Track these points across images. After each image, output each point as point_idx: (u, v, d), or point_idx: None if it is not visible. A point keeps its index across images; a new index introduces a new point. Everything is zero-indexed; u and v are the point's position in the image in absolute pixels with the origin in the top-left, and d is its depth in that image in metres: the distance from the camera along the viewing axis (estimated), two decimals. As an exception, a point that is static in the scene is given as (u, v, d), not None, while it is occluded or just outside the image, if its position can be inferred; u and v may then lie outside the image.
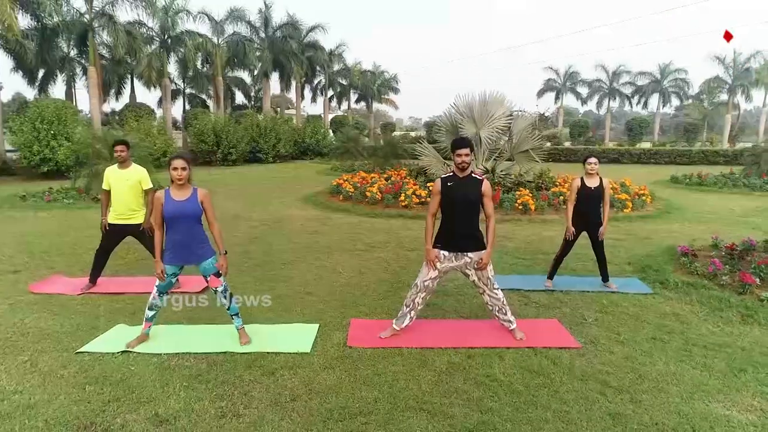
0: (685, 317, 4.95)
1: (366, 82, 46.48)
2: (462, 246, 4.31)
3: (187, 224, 4.08)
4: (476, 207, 4.27)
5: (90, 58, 24.25)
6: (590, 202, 5.77)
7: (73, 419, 3.17)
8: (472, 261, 4.32)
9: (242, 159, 27.77)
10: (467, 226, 4.28)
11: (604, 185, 5.74)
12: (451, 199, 4.29)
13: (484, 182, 4.25)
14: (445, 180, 4.36)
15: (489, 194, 4.26)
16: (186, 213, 4.04)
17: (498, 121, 13.25)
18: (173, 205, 4.04)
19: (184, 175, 4.03)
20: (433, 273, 4.40)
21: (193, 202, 4.07)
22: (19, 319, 4.89)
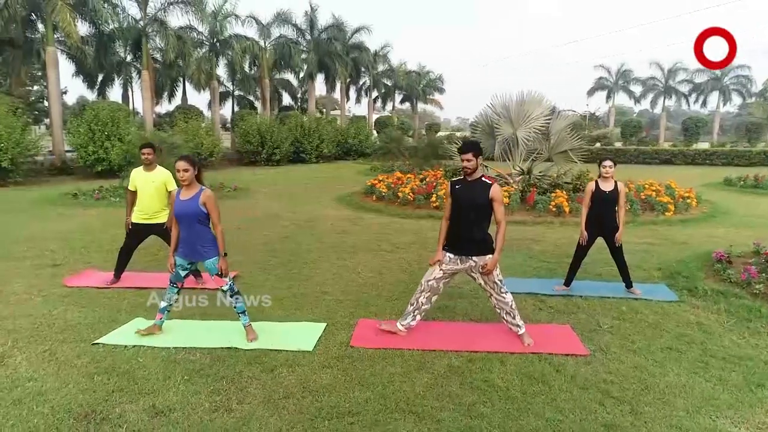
0: (708, 327, 4.71)
1: (411, 83, 46.47)
2: (467, 249, 4.27)
3: (189, 223, 4.25)
4: (483, 211, 4.21)
5: (143, 63, 25.34)
6: (604, 206, 5.60)
7: (77, 407, 3.34)
8: (477, 265, 4.26)
9: (286, 159, 28.28)
10: (472, 230, 4.24)
11: (619, 189, 5.54)
12: (458, 203, 4.27)
13: (492, 187, 4.17)
14: (454, 183, 4.35)
15: (498, 199, 4.18)
16: (188, 212, 4.21)
17: (535, 121, 12.98)
18: (179, 205, 4.25)
19: (186, 176, 4.18)
20: (437, 273, 4.38)
21: (195, 203, 4.22)
22: (48, 310, 5.17)
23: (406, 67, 45.97)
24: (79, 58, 27.38)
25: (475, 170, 4.22)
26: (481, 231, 4.25)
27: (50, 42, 21.55)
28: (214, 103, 30.65)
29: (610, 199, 5.56)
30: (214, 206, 4.29)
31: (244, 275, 6.48)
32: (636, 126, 46.26)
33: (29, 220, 10.40)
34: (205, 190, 4.30)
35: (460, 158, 4.22)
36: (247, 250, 7.87)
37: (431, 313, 5.06)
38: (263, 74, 32.63)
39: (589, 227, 5.69)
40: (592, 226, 5.68)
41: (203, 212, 4.25)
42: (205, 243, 4.33)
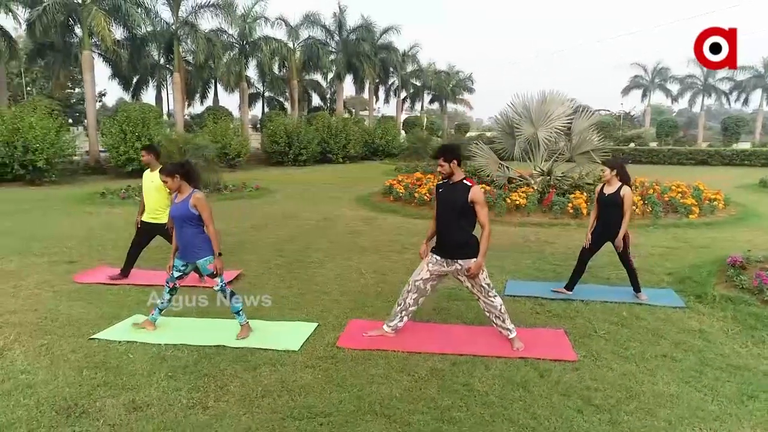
0: (711, 334, 4.53)
1: (440, 83, 46.25)
2: (450, 252, 4.25)
3: (181, 224, 4.38)
4: (463, 214, 4.16)
5: (175, 65, 25.97)
6: (606, 210, 5.51)
7: (61, 400, 3.44)
8: (463, 268, 4.21)
9: (313, 159, 28.52)
10: (453, 233, 4.22)
11: (621, 193, 5.39)
12: (439, 204, 4.28)
13: (472, 189, 4.12)
14: (439, 185, 4.34)
15: (479, 201, 4.12)
16: (179, 214, 4.34)
17: (557, 120, 12.74)
18: (173, 207, 4.43)
19: (169, 187, 4.39)
20: (424, 274, 4.36)
21: (185, 205, 4.33)
22: (54, 305, 5.35)
23: (435, 66, 45.81)
24: (115, 61, 28.24)
25: (451, 174, 4.19)
26: (464, 234, 4.21)
27: (86, 46, 22.32)
28: (243, 104, 31.17)
29: (611, 202, 5.43)
30: (204, 208, 4.37)
31: (249, 274, 6.57)
32: (672, 126, 44.86)
33: (56, 218, 10.79)
34: (195, 193, 4.39)
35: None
36: (257, 249, 7.97)
37: (424, 314, 5.05)
38: (292, 75, 33.02)
39: (595, 231, 5.59)
40: (598, 229, 5.56)
41: (194, 214, 4.34)
42: (197, 244, 4.42)
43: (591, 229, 5.64)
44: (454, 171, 4.20)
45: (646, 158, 29.65)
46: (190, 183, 4.44)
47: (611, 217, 5.45)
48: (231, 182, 16.11)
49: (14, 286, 6.06)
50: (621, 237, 5.41)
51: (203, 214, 4.37)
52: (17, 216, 11.13)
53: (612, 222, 5.44)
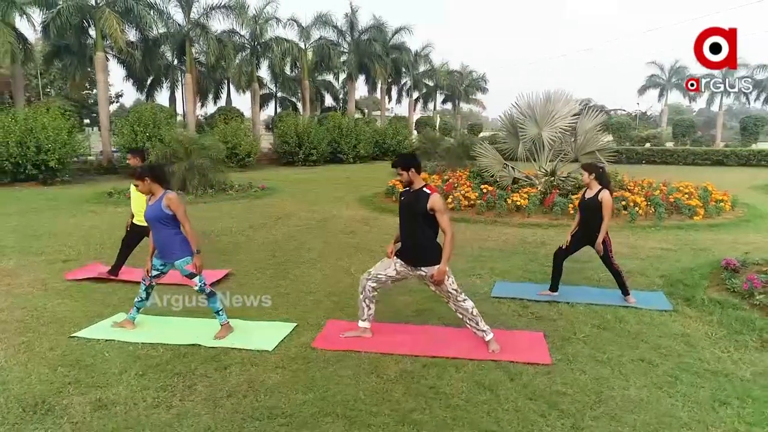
0: (693, 339, 4.44)
1: (453, 83, 46.05)
2: (413, 260, 4.26)
3: (156, 226, 4.44)
4: (424, 221, 4.15)
5: (187, 66, 26.24)
6: (585, 213, 5.50)
7: (30, 397, 3.48)
8: (427, 275, 4.21)
9: (323, 159, 28.60)
10: (415, 240, 4.23)
11: (599, 197, 5.32)
12: (401, 212, 4.32)
13: (431, 197, 4.10)
14: (401, 193, 4.36)
15: (439, 209, 4.10)
16: (153, 216, 4.41)
17: (561, 120, 12.61)
18: (147, 209, 4.49)
19: (140, 190, 4.50)
20: (391, 272, 4.37)
21: (158, 206, 4.38)
22: (42, 303, 5.43)
23: (449, 66, 45.59)
24: (128, 62, 28.66)
25: (411, 182, 4.20)
26: (425, 240, 4.20)
27: (99, 48, 22.64)
28: (254, 104, 31.36)
29: (590, 206, 5.40)
30: (177, 207, 4.40)
31: (238, 274, 6.60)
32: (689, 125, 44.11)
33: (60, 217, 10.96)
34: (167, 194, 4.43)
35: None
36: (251, 248, 8.01)
37: (404, 315, 5.03)
38: (303, 76, 33.14)
39: (576, 234, 5.54)
40: (579, 233, 5.52)
41: (167, 214, 4.37)
42: (173, 244, 4.45)
43: (572, 231, 5.62)
44: (413, 179, 4.20)
45: (660, 158, 29.18)
46: (161, 185, 4.47)
47: (591, 221, 5.40)
48: (238, 182, 16.22)
49: (8, 284, 6.16)
50: (600, 241, 5.32)
51: (177, 213, 4.39)
52: (26, 215, 11.34)
53: (592, 226, 5.38)
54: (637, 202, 10.44)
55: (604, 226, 5.30)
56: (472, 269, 6.80)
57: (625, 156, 30.00)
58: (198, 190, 14.30)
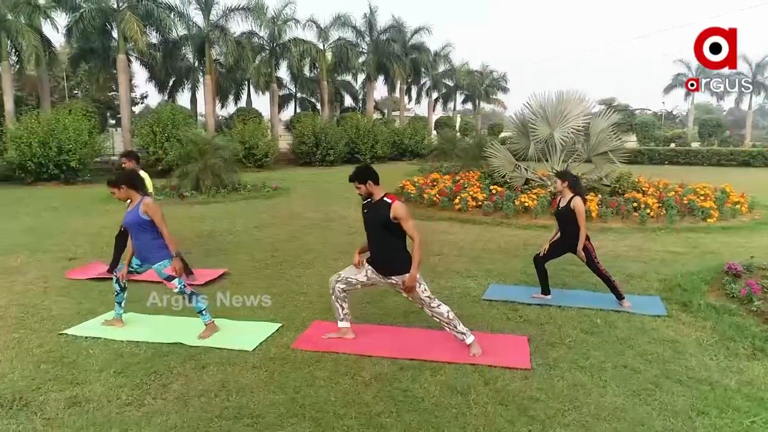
0: (683, 345, 4.31)
1: (473, 83, 45.74)
2: (382, 269, 4.26)
3: (135, 231, 4.55)
4: (388, 230, 4.13)
5: (206, 68, 26.61)
6: (560, 222, 5.47)
7: (9, 393, 3.56)
8: (397, 284, 4.21)
9: (340, 160, 28.72)
10: (381, 250, 4.24)
11: (571, 205, 5.28)
12: (365, 224, 4.29)
13: (393, 206, 4.07)
14: (363, 206, 4.33)
15: (402, 216, 4.07)
16: (131, 221, 4.51)
17: (574, 120, 12.41)
18: (125, 216, 4.61)
19: (117, 197, 4.61)
20: (362, 277, 4.36)
21: (136, 212, 4.47)
22: (40, 300, 5.56)
23: (469, 66, 45.29)
24: (151, 64, 29.24)
25: (371, 194, 4.20)
26: (392, 250, 4.18)
27: (121, 50, 23.14)
28: (273, 105, 31.64)
29: (564, 214, 5.36)
30: (154, 212, 4.48)
31: (235, 273, 6.66)
32: (716, 125, 42.99)
33: (74, 216, 11.23)
34: (144, 199, 4.52)
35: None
36: (252, 248, 8.08)
37: (392, 317, 5.01)
38: (322, 76, 33.31)
39: (556, 241, 5.54)
40: (559, 240, 5.52)
41: (145, 220, 4.45)
42: (151, 249, 4.54)
43: (552, 239, 5.56)
44: (372, 191, 4.19)
45: (683, 159, 28.54)
46: (137, 191, 4.55)
47: (567, 229, 5.35)
48: (252, 182, 16.39)
49: (12, 281, 6.33)
50: (580, 248, 5.22)
51: (155, 218, 4.46)
52: (43, 213, 11.66)
53: (569, 234, 5.31)
54: (648, 204, 10.21)
55: (582, 234, 5.21)
56: (469, 271, 6.73)
57: (648, 156, 29.46)
58: (211, 190, 14.49)
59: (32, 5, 19.85)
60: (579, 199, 5.28)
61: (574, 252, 5.29)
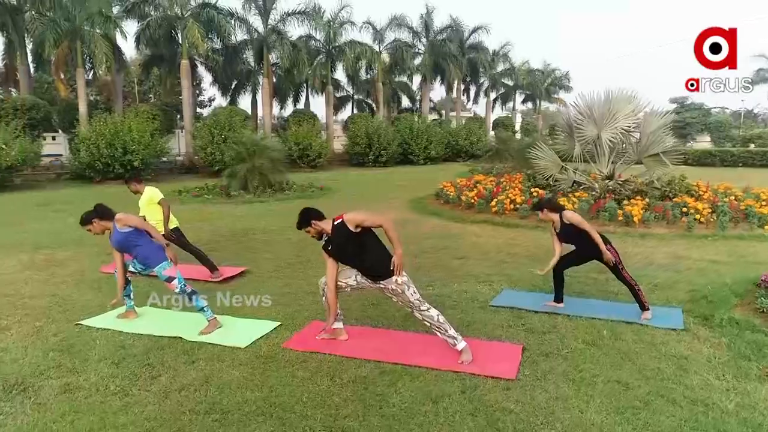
0: (691, 362, 4.02)
1: (534, 82, 44.59)
2: (370, 276, 4.28)
3: (129, 250, 4.84)
4: (360, 243, 4.13)
5: (264, 71, 27.47)
6: (572, 242, 5.33)
7: (13, 377, 3.83)
8: (386, 288, 4.21)
9: (393, 160, 28.85)
10: (365, 263, 4.24)
11: (566, 220, 5.15)
12: (338, 258, 4.27)
13: (344, 221, 4.08)
14: (324, 246, 4.32)
15: (358, 219, 4.07)
16: (120, 244, 4.83)
17: (622, 121, 11.84)
18: (112, 242, 4.88)
19: (94, 232, 4.87)
20: (352, 281, 4.36)
21: (116, 234, 4.77)
22: (70, 293, 5.95)
23: (529, 65, 44.26)
24: (214, 68, 30.54)
25: (322, 231, 4.23)
26: (374, 257, 4.19)
27: (184, 56, 24.29)
28: (328, 107, 32.21)
29: (567, 234, 5.18)
30: (128, 220, 4.78)
31: (256, 272, 6.84)
32: (802, 124, 39.64)
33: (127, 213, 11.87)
34: (116, 217, 4.76)
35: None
36: (279, 248, 8.26)
37: (392, 319, 4.98)
38: (377, 78, 33.58)
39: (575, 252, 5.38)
40: (576, 252, 5.38)
41: (128, 232, 4.73)
42: (149, 255, 4.80)
43: (554, 263, 5.32)
44: (320, 228, 4.22)
45: (760, 161, 26.53)
46: (109, 219, 4.77)
47: (581, 244, 5.14)
48: (300, 182, 16.79)
49: (51, 273, 6.81)
50: (605, 251, 4.96)
51: (135, 224, 4.77)
52: (99, 210, 12.42)
53: (585, 247, 5.08)
54: (698, 209, 9.58)
55: (596, 237, 4.95)
56: (487, 276, 6.58)
57: (719, 158, 27.66)
58: (257, 190, 14.95)
59: (104, 16, 21.21)
60: (568, 212, 5.16)
61: (600, 259, 5.04)
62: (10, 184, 17.68)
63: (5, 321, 5.02)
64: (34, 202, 14.60)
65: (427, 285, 6.21)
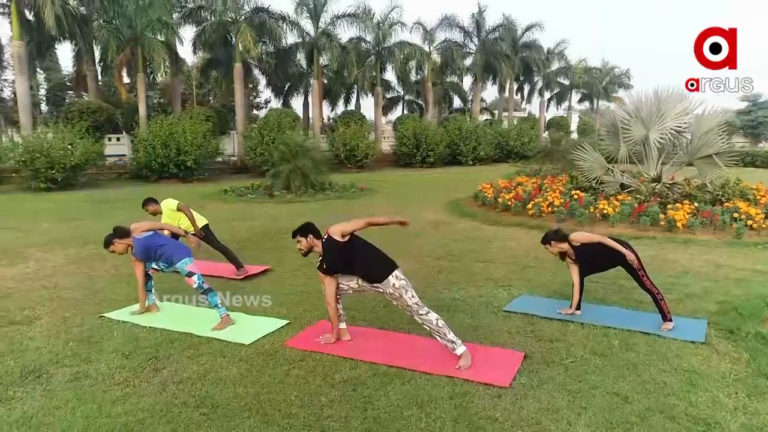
0: (703, 377, 3.78)
1: (591, 80, 43.12)
2: (367, 279, 4.32)
3: (152, 254, 5.05)
4: (350, 255, 4.23)
5: (314, 73, 27.98)
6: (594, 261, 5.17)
7: (32, 364, 4.09)
8: (385, 292, 4.21)
9: (441, 161, 28.66)
10: (363, 273, 4.31)
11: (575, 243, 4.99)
12: (333, 271, 4.34)
13: (330, 235, 4.22)
14: (319, 266, 4.38)
15: (341, 230, 4.19)
16: (141, 254, 5.04)
17: (672, 121, 11.27)
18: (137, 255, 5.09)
19: (117, 252, 5.11)
20: (353, 284, 4.39)
21: (137, 243, 4.99)
22: (104, 286, 6.28)
23: (587, 63, 42.83)
24: (267, 71, 31.38)
25: (312, 247, 4.32)
26: (365, 265, 4.26)
27: (238, 59, 25.08)
28: (377, 107, 32.39)
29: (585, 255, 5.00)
30: (143, 225, 5.01)
31: (277, 271, 6.99)
32: None
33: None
34: (130, 228, 5.00)
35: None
36: (307, 247, 8.38)
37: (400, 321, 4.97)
38: (427, 78, 33.48)
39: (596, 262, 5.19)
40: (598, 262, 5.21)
41: (145, 237, 4.97)
42: (173, 252, 5.00)
43: (578, 293, 5.11)
44: (315, 245, 4.31)
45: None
46: (126, 236, 5.03)
47: (600, 258, 4.97)
48: (343, 183, 16.99)
49: (90, 267, 7.22)
50: (629, 253, 4.74)
51: (149, 226, 5.02)
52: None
53: (606, 256, 4.88)
54: (749, 214, 8.99)
55: (611, 243, 4.74)
56: (508, 280, 6.44)
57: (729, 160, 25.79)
58: (299, 190, 15.25)
59: (162, 22, 22.24)
60: (573, 234, 5.04)
61: (624, 264, 4.84)
62: (76, 182, 18.82)
63: (39, 311, 5.36)
64: (93, 199, 15.49)
65: (443, 288, 6.17)
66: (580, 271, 5.11)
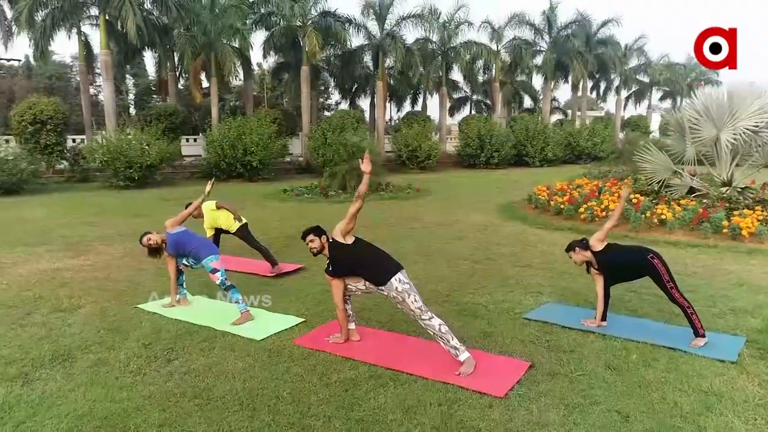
0: (722, 400, 3.47)
1: (674, 77, 40.51)
2: (375, 284, 4.31)
3: (184, 251, 5.38)
4: (355, 257, 4.28)
5: (378, 74, 28.23)
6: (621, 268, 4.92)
7: (63, 349, 4.43)
8: (389, 295, 4.17)
9: (506, 162, 28.02)
10: (368, 275, 4.30)
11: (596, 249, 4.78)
12: (340, 273, 4.38)
13: (333, 238, 4.29)
14: (326, 269, 4.43)
15: (341, 228, 4.24)
16: (174, 249, 5.39)
17: (747, 120, 10.41)
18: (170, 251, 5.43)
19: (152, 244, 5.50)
20: (360, 285, 4.41)
21: (169, 243, 5.36)
22: (145, 280, 6.67)
23: (669, 59, 40.24)
24: (334, 73, 32.04)
25: (321, 249, 4.35)
26: (369, 267, 4.27)
27: (304, 62, 25.78)
28: (442, 108, 32.19)
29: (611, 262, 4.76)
30: (170, 221, 5.33)
31: (310, 269, 7.07)
32: None
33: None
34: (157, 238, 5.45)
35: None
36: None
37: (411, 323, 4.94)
38: (494, 77, 32.85)
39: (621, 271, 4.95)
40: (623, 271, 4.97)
41: (177, 233, 5.33)
42: (200, 249, 5.30)
43: (602, 304, 4.84)
44: (325, 245, 4.35)
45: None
46: (162, 245, 5.45)
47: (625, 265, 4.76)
48: (399, 184, 17.04)
49: (141, 261, 7.57)
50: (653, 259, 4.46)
51: (174, 223, 5.33)
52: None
53: (629, 269, 4.73)
54: None
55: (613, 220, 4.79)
56: (540, 286, 6.21)
57: None
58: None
59: (234, 29, 23.27)
60: (590, 240, 4.83)
61: (651, 275, 4.56)
62: (152, 180, 20.10)
63: (83, 300, 5.79)
64: (162, 197, 16.46)
65: (470, 291, 6.05)
66: (605, 282, 4.85)
